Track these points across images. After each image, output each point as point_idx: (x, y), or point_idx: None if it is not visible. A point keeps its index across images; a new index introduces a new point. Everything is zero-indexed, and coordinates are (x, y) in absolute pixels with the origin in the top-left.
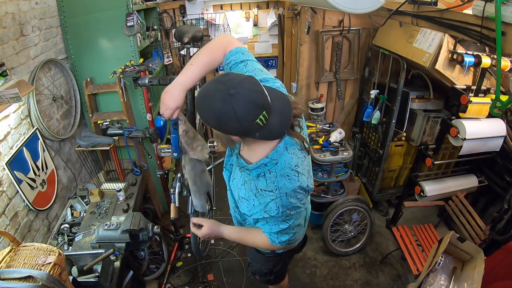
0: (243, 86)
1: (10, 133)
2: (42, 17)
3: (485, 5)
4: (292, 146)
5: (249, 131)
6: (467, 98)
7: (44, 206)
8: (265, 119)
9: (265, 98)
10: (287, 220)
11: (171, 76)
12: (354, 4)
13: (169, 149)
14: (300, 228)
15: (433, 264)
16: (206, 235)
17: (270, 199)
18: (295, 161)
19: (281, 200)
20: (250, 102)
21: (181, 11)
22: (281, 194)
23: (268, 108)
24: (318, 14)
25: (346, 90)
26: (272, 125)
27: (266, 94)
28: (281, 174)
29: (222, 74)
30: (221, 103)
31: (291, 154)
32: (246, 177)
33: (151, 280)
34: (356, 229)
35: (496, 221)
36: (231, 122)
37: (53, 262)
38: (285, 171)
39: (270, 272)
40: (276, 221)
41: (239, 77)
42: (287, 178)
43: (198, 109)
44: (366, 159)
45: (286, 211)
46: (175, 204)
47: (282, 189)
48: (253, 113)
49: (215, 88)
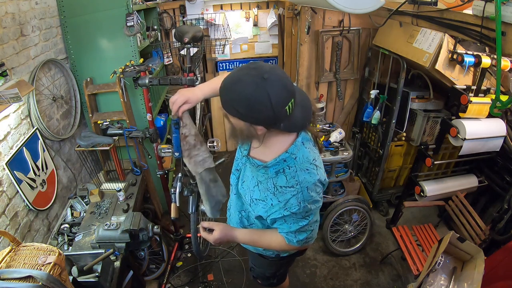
0: (275, 72)
1: (10, 133)
2: (42, 17)
3: (485, 5)
4: (308, 142)
5: (278, 118)
6: (467, 98)
7: (44, 206)
8: (292, 108)
9: (293, 86)
10: (306, 217)
11: (171, 76)
12: (354, 4)
13: (169, 149)
14: (317, 224)
15: (433, 264)
16: (217, 240)
17: (291, 195)
18: (313, 155)
19: (302, 195)
20: (284, 87)
21: (181, 11)
22: (303, 189)
23: (295, 96)
24: (318, 14)
25: (346, 90)
26: (296, 116)
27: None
28: (300, 169)
29: (251, 63)
30: (255, 87)
31: (308, 149)
32: (261, 177)
33: (151, 280)
34: (356, 229)
35: (496, 221)
36: (263, 107)
37: (53, 262)
38: (304, 165)
39: (273, 275)
40: (295, 218)
41: (268, 65)
42: (307, 172)
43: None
44: (366, 159)
45: (307, 205)
46: (175, 203)
47: (303, 184)
48: (285, 99)
49: (247, 73)
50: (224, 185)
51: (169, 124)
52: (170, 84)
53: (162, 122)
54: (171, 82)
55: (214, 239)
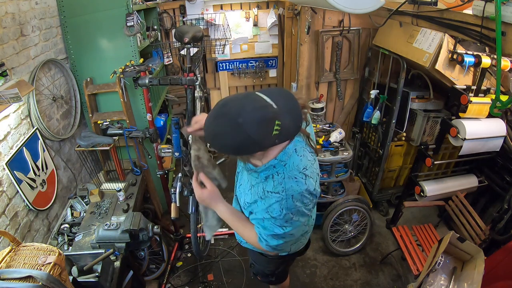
0: (246, 109)
1: (10, 133)
2: (42, 17)
3: (485, 5)
4: (302, 148)
5: (269, 144)
6: (467, 98)
7: (44, 206)
8: (279, 126)
9: (271, 109)
10: (284, 226)
11: (171, 76)
12: (354, 4)
13: (169, 149)
14: (293, 237)
15: (433, 264)
16: (202, 198)
17: (275, 201)
18: (304, 164)
19: (286, 202)
20: (261, 120)
21: (181, 11)
22: (287, 196)
23: (278, 115)
24: (318, 14)
25: (346, 90)
26: (287, 125)
27: (270, 103)
28: (289, 176)
29: (219, 106)
30: (234, 135)
31: (300, 156)
32: (253, 181)
33: (151, 280)
34: (356, 229)
35: (496, 221)
36: (252, 146)
37: (53, 262)
38: (293, 173)
39: (272, 273)
40: (273, 223)
41: (237, 101)
42: (295, 181)
43: (214, 146)
44: (366, 159)
45: (289, 214)
46: (175, 203)
47: (288, 191)
48: (268, 129)
49: (220, 123)
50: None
51: (169, 124)
52: (170, 84)
53: (162, 122)
54: (171, 82)
55: (200, 195)
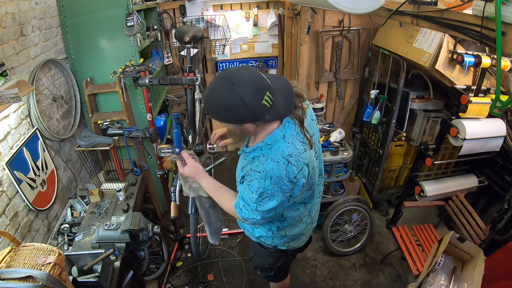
0: (242, 74)
1: (10, 133)
2: (42, 17)
3: (485, 5)
4: (292, 136)
5: (258, 114)
6: (467, 98)
7: (44, 206)
8: (271, 99)
9: (264, 81)
10: (258, 204)
11: (171, 76)
12: (354, 4)
13: (169, 149)
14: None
15: (433, 264)
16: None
17: (255, 178)
18: (290, 151)
19: (264, 182)
20: (253, 85)
21: (181, 11)
22: (266, 177)
23: (270, 88)
24: (318, 14)
25: (346, 90)
26: (278, 103)
27: (264, 77)
28: (271, 159)
29: (221, 71)
30: (227, 93)
31: (287, 143)
32: (244, 162)
33: (151, 280)
34: (356, 229)
35: (496, 221)
36: (240, 108)
37: (53, 262)
38: (276, 156)
39: (271, 267)
40: (250, 197)
41: (236, 68)
42: (276, 164)
43: (207, 108)
44: (366, 159)
45: (265, 193)
46: (175, 202)
47: (268, 173)
48: (258, 95)
49: (217, 83)
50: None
51: (169, 124)
52: (170, 84)
53: (162, 122)
54: (171, 82)
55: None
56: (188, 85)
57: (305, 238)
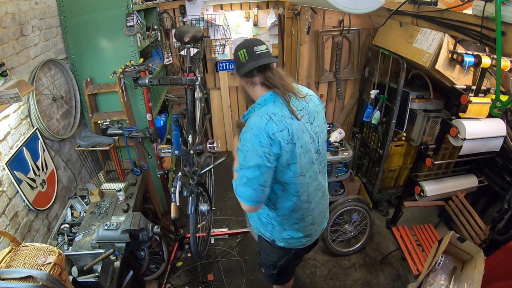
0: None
1: (10, 133)
2: (42, 17)
3: (485, 5)
4: (282, 104)
5: (236, 61)
6: (467, 98)
7: (44, 206)
8: (244, 57)
9: (251, 46)
10: (242, 165)
11: (171, 76)
12: (354, 4)
13: (169, 149)
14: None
15: (433, 264)
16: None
17: (244, 132)
18: (275, 111)
19: (246, 134)
20: (245, 41)
21: (181, 11)
22: (249, 128)
23: (250, 51)
24: (318, 14)
25: (346, 90)
26: (246, 65)
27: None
28: (257, 114)
29: None
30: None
31: (275, 106)
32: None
33: (151, 280)
34: (356, 229)
35: (496, 221)
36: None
37: (53, 262)
38: (261, 112)
39: (274, 265)
40: (240, 156)
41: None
42: (259, 117)
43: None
44: (366, 159)
45: (245, 146)
46: (175, 203)
47: (251, 124)
48: (240, 46)
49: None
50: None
51: (169, 123)
52: (170, 84)
53: (162, 122)
54: (171, 82)
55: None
56: (188, 85)
57: (305, 240)
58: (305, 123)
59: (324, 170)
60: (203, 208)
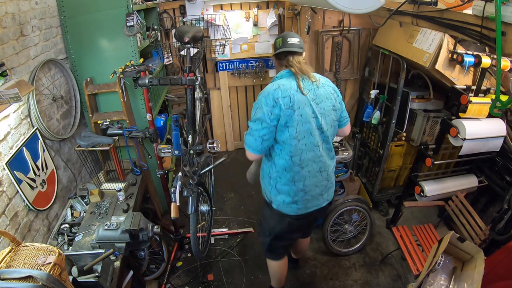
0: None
1: (10, 133)
2: (42, 17)
3: (485, 5)
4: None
5: (274, 45)
6: (467, 98)
7: (44, 206)
8: (279, 43)
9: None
10: (251, 119)
11: (171, 76)
12: (354, 4)
13: (169, 149)
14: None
15: (433, 264)
16: None
17: (259, 94)
18: (285, 83)
19: (260, 95)
20: (285, 32)
21: (181, 11)
22: (263, 92)
23: (284, 40)
24: (318, 14)
25: (346, 90)
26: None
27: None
28: (272, 83)
29: None
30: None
31: (287, 80)
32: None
33: (151, 280)
34: (356, 229)
35: (496, 221)
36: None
37: (53, 262)
38: (275, 81)
39: (270, 231)
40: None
41: None
42: (271, 85)
43: None
44: (366, 159)
45: (257, 103)
46: (175, 203)
47: (264, 91)
48: (280, 35)
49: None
50: (227, 182)
51: (169, 123)
52: (170, 84)
53: (162, 122)
54: (171, 82)
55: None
56: (188, 85)
57: (295, 207)
58: (310, 100)
59: (328, 151)
60: (203, 208)
